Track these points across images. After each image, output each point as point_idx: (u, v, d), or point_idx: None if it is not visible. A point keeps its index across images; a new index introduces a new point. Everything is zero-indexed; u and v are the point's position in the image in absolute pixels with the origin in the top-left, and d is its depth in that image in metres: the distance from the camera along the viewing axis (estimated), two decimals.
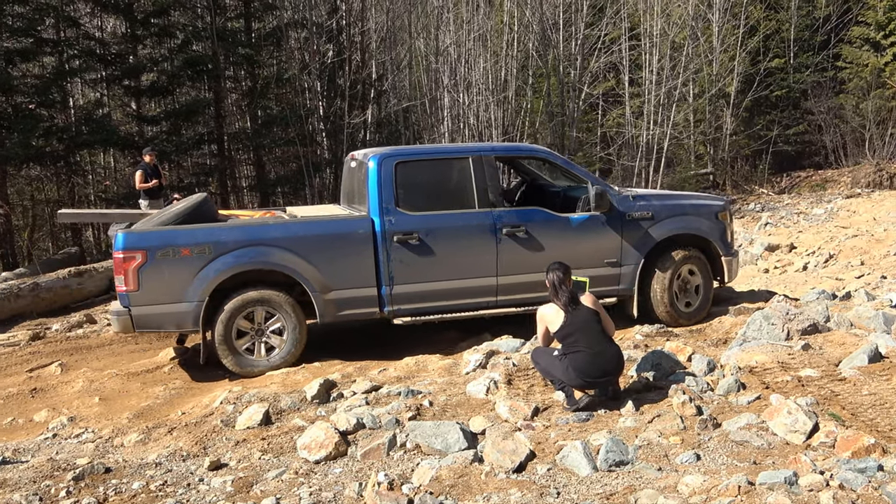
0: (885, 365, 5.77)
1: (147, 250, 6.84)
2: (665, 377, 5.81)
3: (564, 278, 5.53)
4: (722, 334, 7.13)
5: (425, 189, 7.69)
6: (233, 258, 7.02)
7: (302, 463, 4.87)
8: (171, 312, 6.95)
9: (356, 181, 8.04)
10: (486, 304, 7.70)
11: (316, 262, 7.24)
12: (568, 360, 5.37)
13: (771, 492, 3.83)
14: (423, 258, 7.47)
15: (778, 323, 6.66)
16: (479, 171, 7.70)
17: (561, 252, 7.52)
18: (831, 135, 28.82)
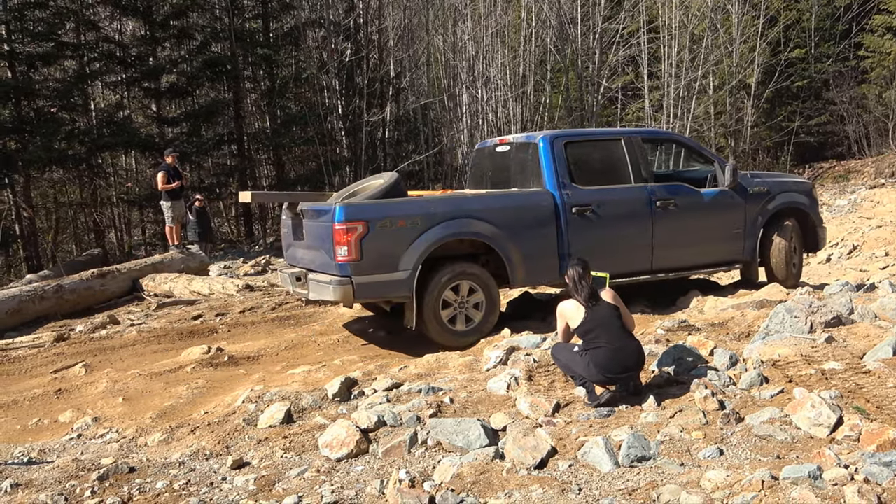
0: None
1: (368, 221, 7.30)
2: (687, 372, 5.78)
3: (584, 273, 5.51)
4: (744, 328, 7.08)
5: (589, 166, 8.49)
6: (441, 229, 7.55)
7: (324, 461, 4.89)
8: (388, 281, 7.40)
9: (512, 163, 8.76)
10: (643, 271, 8.63)
11: (509, 232, 7.87)
12: (589, 356, 5.36)
13: (795, 486, 3.79)
14: (594, 228, 8.24)
15: (801, 316, 6.61)
16: (632, 150, 8.61)
17: (700, 223, 8.80)
18: (854, 125, 28.55)
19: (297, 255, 8.46)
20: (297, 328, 9.18)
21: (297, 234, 8.33)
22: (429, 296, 7.58)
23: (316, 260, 7.82)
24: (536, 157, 8.29)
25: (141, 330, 9.32)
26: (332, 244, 7.31)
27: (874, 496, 3.63)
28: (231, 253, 19.33)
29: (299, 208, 8.23)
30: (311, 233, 7.93)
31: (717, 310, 8.09)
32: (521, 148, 8.65)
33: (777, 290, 8.43)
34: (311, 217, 7.89)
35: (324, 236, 7.49)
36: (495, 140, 9.34)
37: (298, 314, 9.81)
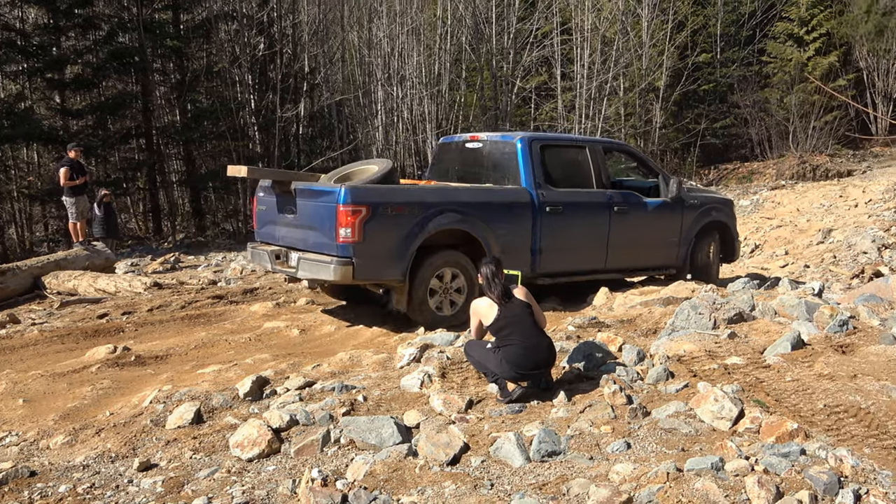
0: (807, 352, 5.96)
1: (371, 205, 7.61)
2: (596, 367, 5.91)
3: (497, 272, 5.57)
4: (651, 324, 7.26)
5: (559, 169, 9.01)
6: (435, 218, 7.96)
7: (234, 461, 4.81)
8: (386, 265, 7.77)
9: (484, 160, 9.22)
10: (598, 270, 9.35)
11: (493, 226, 8.36)
12: (501, 353, 5.42)
13: (698, 478, 3.92)
14: (563, 227, 8.85)
15: (705, 312, 6.82)
16: (595, 158, 9.29)
17: (646, 229, 9.59)
18: (757, 128, 29.58)
19: (279, 233, 8.57)
20: (208, 327, 9.01)
21: (284, 211, 8.44)
22: (419, 280, 7.98)
23: (309, 239, 7.99)
24: (514, 156, 8.77)
25: (43, 329, 9.00)
26: (334, 225, 7.57)
27: (773, 486, 3.78)
28: (139, 250, 18.82)
29: (293, 187, 8.34)
30: (306, 212, 8.07)
31: (626, 307, 8.27)
32: (497, 146, 9.12)
33: (683, 287, 8.68)
34: (308, 197, 8.06)
35: (324, 216, 7.71)
36: (465, 136, 9.73)
37: (209, 312, 9.63)
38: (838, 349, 6.00)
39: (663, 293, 8.64)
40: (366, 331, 8.21)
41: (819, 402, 4.92)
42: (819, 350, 5.98)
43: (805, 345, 6.12)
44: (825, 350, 5.97)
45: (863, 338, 6.29)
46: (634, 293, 9.08)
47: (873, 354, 5.80)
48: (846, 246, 13.34)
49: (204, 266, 15.28)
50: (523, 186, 8.68)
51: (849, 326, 6.48)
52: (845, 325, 6.45)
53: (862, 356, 5.80)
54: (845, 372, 5.41)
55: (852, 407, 4.82)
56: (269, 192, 8.78)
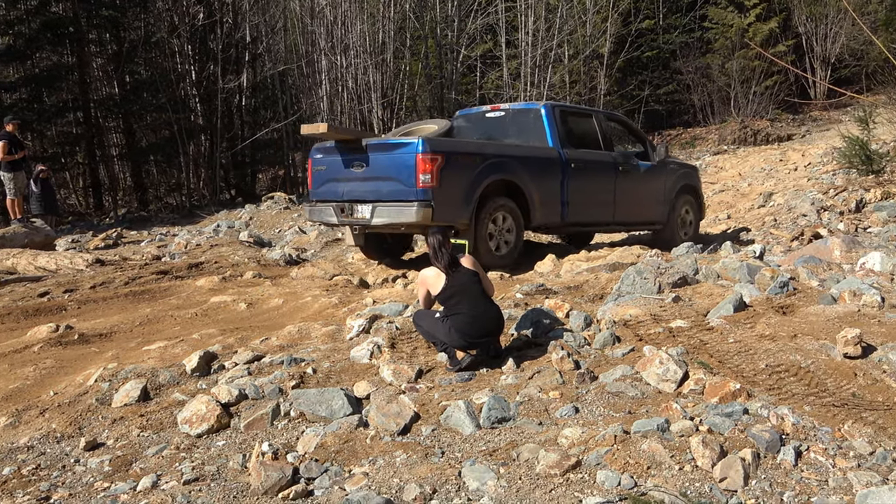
0: (749, 313, 6.09)
1: (445, 154, 8.61)
2: (544, 334, 5.96)
3: (444, 241, 5.57)
4: (598, 290, 7.35)
5: (574, 133, 10.24)
6: (492, 168, 9.00)
7: (183, 438, 4.77)
8: (457, 208, 8.72)
9: (509, 127, 10.26)
10: (608, 222, 10.71)
11: (534, 179, 9.46)
12: (450, 322, 5.44)
13: (645, 439, 4.00)
14: (583, 183, 10.02)
15: (650, 277, 6.92)
16: (601, 124, 10.69)
17: (642, 188, 11.05)
18: (699, 94, 29.88)
19: (343, 188, 9.30)
20: (153, 303, 8.88)
21: (350, 167, 9.21)
22: (481, 223, 8.97)
23: (382, 189, 8.80)
24: (539, 120, 9.95)
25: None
26: (413, 172, 8.46)
27: (717, 445, 3.87)
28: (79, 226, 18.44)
29: (364, 143, 9.12)
30: (380, 164, 8.88)
31: (573, 273, 8.36)
32: (521, 113, 10.27)
33: (628, 253, 8.80)
34: (383, 150, 8.91)
35: (401, 166, 8.59)
36: (485, 108, 10.82)
37: (153, 288, 9.49)
38: (779, 310, 6.14)
39: (609, 259, 8.75)
40: (314, 303, 8.17)
41: (761, 363, 5.04)
42: (760, 311, 6.11)
43: (747, 307, 6.25)
44: (766, 311, 6.11)
45: (802, 299, 6.44)
46: (581, 259, 9.18)
47: (813, 314, 5.95)
48: (786, 209, 13.61)
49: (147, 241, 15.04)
50: (551, 146, 9.83)
51: (789, 288, 6.63)
52: (786, 287, 6.60)
53: (802, 316, 5.95)
54: (786, 332, 5.54)
55: (793, 366, 4.95)
56: (331, 152, 9.49)
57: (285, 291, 8.84)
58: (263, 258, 11.38)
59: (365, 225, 9.11)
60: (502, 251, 9.25)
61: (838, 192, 13.48)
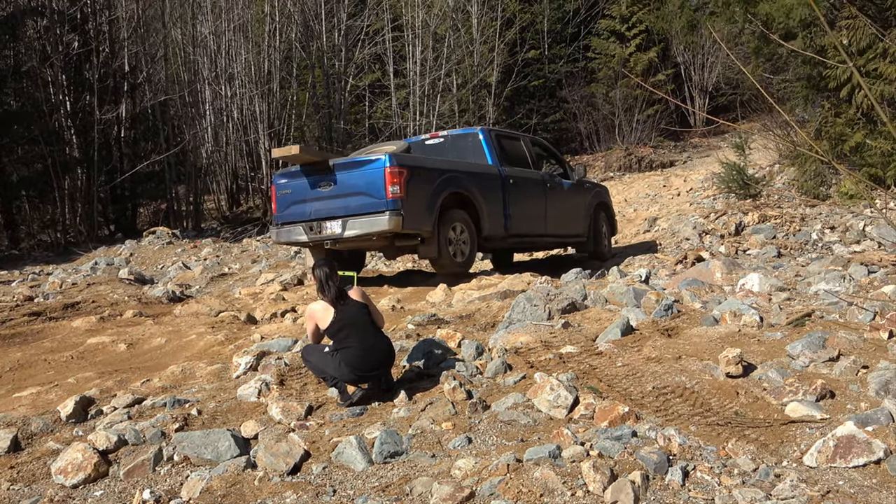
0: (635, 337, 6.26)
1: (410, 168, 9.45)
2: (436, 364, 5.97)
3: (331, 273, 5.53)
4: (490, 318, 7.42)
5: (507, 154, 11.32)
6: (448, 182, 9.94)
7: (58, 489, 4.54)
8: (423, 217, 9.55)
9: (448, 152, 11.01)
10: (542, 234, 11.69)
11: (482, 192, 10.42)
12: (340, 356, 5.39)
13: (537, 467, 4.03)
14: (519, 198, 11.04)
15: (540, 304, 7.04)
16: (528, 147, 11.96)
17: (567, 204, 12.17)
18: (585, 122, 30.72)
19: (312, 209, 9.94)
20: (24, 346, 8.47)
21: (317, 187, 9.88)
22: (442, 231, 9.77)
23: (352, 204, 9.52)
24: (478, 143, 11.00)
25: None
26: (383, 184, 9.25)
27: (607, 469, 3.94)
28: None
29: (331, 163, 9.82)
30: (348, 182, 9.62)
31: (465, 302, 8.42)
32: (460, 138, 11.26)
33: (519, 280, 8.94)
34: (350, 168, 9.65)
35: (370, 180, 9.37)
36: (424, 136, 11.72)
37: (25, 331, 9.06)
38: (664, 332, 6.34)
39: (500, 287, 8.86)
40: (199, 341, 7.95)
41: (648, 385, 5.18)
42: (647, 334, 6.29)
43: (634, 330, 6.43)
44: (652, 334, 6.29)
45: (686, 320, 6.67)
46: (472, 288, 9.26)
47: (696, 336, 6.16)
48: (670, 233, 14.12)
49: (18, 281, 14.36)
50: (490, 163, 10.83)
51: (673, 310, 6.86)
52: (670, 310, 6.83)
53: (686, 338, 6.15)
54: (671, 354, 5.72)
55: (678, 387, 5.11)
56: (296, 176, 10.15)
57: (168, 330, 8.58)
58: (145, 296, 11.03)
59: (336, 239, 9.72)
60: (459, 259, 10.08)
61: (719, 215, 14.08)
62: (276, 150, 10.08)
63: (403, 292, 9.59)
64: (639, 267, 10.72)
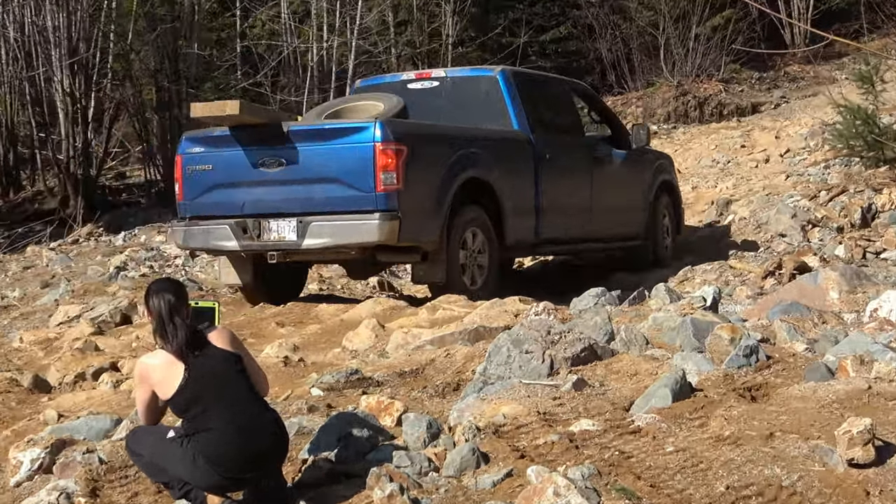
0: (696, 402, 6.26)
1: (412, 144, 10.04)
2: (360, 456, 5.94)
3: (178, 303, 5.45)
4: (451, 375, 7.42)
5: (539, 110, 12.08)
6: (464, 162, 10.70)
7: None
8: (429, 221, 10.25)
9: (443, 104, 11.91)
10: (583, 237, 12.77)
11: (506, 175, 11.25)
12: (193, 445, 5.32)
13: None
14: (559, 182, 11.97)
15: (535, 349, 7.04)
16: (569, 98, 13.30)
17: (620, 188, 13.28)
18: (610, 41, 30.72)
19: (247, 198, 10.38)
20: None
21: (259, 166, 10.26)
22: (454, 241, 10.38)
23: (317, 196, 10.03)
24: (496, 91, 11.67)
25: None
26: (371, 169, 9.67)
27: None
28: None
29: (286, 128, 10.22)
30: (312, 161, 10.11)
31: (409, 348, 8.40)
32: (467, 83, 12.12)
33: (499, 310, 8.95)
34: (317, 138, 10.18)
35: (349, 161, 9.86)
36: (404, 76, 12.74)
37: None
38: (745, 394, 6.36)
39: (469, 321, 8.87)
40: None
41: (719, 483, 5.18)
42: (716, 397, 6.31)
43: (694, 391, 6.44)
44: (725, 397, 6.31)
45: (782, 373, 6.72)
46: (422, 323, 9.26)
47: (798, 398, 6.19)
48: (754, 226, 14.27)
49: None
50: (517, 129, 11.56)
51: (760, 356, 6.89)
52: (754, 355, 6.86)
53: (781, 402, 6.18)
54: (757, 430, 5.73)
55: (770, 486, 5.11)
56: (223, 143, 10.53)
57: None
58: None
59: (289, 249, 10.16)
60: (478, 281, 10.76)
61: (833, 195, 14.22)
62: (198, 107, 10.47)
63: (304, 333, 9.58)
64: (701, 283, 10.82)
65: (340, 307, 10.90)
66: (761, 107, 27.07)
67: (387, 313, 9.76)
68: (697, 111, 26.99)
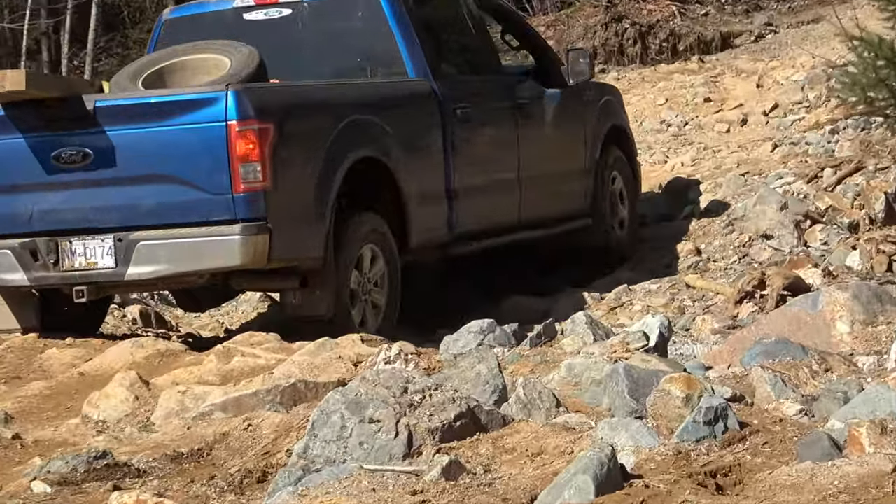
0: (634, 495, 6.32)
1: (278, 120, 10.47)
2: None
3: None
4: (254, 458, 7.42)
5: (444, 39, 13.04)
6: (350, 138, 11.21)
7: None
8: (307, 229, 10.74)
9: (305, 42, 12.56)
10: (512, 225, 13.47)
11: (407, 150, 11.90)
12: None
13: None
14: (476, 146, 12.96)
15: (385, 417, 7.06)
16: (475, 17, 13.14)
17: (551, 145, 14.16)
18: None
19: (37, 208, 10.59)
20: None
21: (54, 159, 10.36)
22: (343, 261, 10.89)
23: (146, 202, 10.28)
24: (378, 14, 12.00)
25: None
26: (223, 162, 9.92)
27: None
28: None
29: (90, 103, 10.32)
30: (134, 150, 10.32)
31: (189, 416, 8.39)
32: (330, 5, 12.62)
33: (328, 355, 8.97)
34: (138, 117, 10.36)
35: (192, 150, 10.14)
36: (240, 0, 12.66)
37: None
38: (707, 481, 6.43)
39: (281, 372, 8.86)
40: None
41: None
42: (663, 488, 6.38)
43: (630, 477, 6.51)
44: (677, 486, 6.38)
45: (763, 448, 6.80)
46: (210, 376, 9.24)
47: (787, 487, 6.26)
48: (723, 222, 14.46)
49: None
50: (414, 77, 12.18)
51: (730, 423, 6.97)
52: (721, 422, 6.94)
53: (762, 493, 6.26)
54: None
55: None
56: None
57: None
58: None
59: (105, 282, 10.27)
60: (369, 326, 11.22)
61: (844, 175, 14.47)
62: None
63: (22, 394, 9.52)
64: (642, 311, 10.92)
65: (79, 352, 10.82)
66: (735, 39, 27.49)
67: (153, 362, 9.68)
68: (638, 45, 27.36)
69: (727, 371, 8.17)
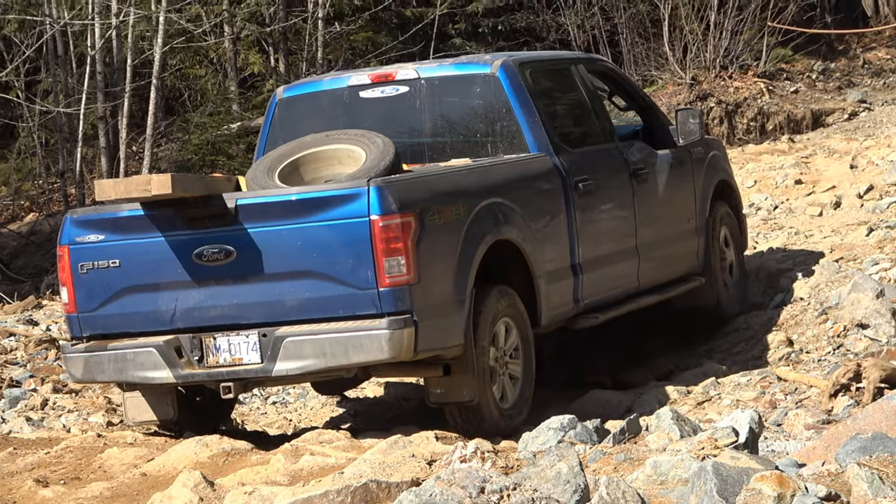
0: None
1: (420, 212, 10.67)
2: None
3: None
4: None
5: (562, 114, 13.41)
6: (485, 223, 11.49)
7: None
8: (450, 319, 10.90)
9: (420, 119, 12.66)
10: (630, 293, 13.53)
11: (533, 228, 12.09)
12: None
13: None
14: (594, 221, 12.98)
15: None
16: (589, 86, 13.68)
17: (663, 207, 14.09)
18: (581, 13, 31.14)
19: (181, 306, 10.70)
20: None
21: (193, 257, 10.50)
22: (480, 344, 11.08)
23: (289, 299, 10.48)
24: (500, 96, 12.32)
25: None
26: (367, 257, 10.19)
27: None
28: None
29: (232, 203, 10.55)
30: (277, 247, 10.50)
31: None
32: (451, 85, 12.77)
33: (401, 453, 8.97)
34: (278, 216, 10.55)
35: (333, 246, 10.35)
36: (349, 75, 13.40)
37: None
38: None
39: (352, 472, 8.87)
40: None
41: None
42: None
43: None
44: None
45: None
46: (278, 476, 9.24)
47: None
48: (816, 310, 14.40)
49: None
50: (536, 152, 12.34)
51: None
52: None
53: None
54: None
55: None
56: (137, 227, 10.83)
57: None
58: None
59: (252, 378, 10.68)
60: (509, 398, 11.55)
61: None
62: (106, 185, 10.72)
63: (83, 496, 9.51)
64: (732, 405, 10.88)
65: (140, 451, 10.83)
66: (827, 117, 27.33)
67: (218, 461, 9.67)
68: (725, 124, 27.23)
69: (821, 468, 8.12)
